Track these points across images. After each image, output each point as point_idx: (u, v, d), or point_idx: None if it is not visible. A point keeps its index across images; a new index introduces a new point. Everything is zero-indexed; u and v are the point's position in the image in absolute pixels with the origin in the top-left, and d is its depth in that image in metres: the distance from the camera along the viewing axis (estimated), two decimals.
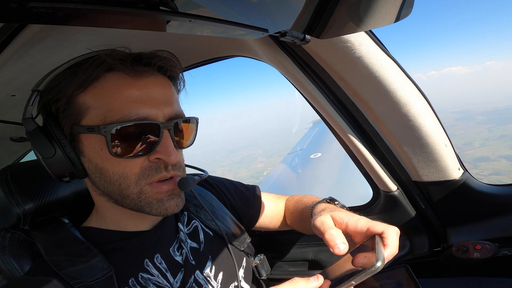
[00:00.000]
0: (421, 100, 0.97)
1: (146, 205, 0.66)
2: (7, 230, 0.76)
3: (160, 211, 0.67)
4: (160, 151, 0.64)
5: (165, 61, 0.69)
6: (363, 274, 0.49)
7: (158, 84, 0.67)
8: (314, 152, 4.47)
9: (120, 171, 0.64)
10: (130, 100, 0.62)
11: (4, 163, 1.08)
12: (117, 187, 0.65)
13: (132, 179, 0.64)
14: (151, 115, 0.63)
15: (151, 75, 0.67)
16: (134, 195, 0.65)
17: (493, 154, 61.67)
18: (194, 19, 0.45)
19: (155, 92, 0.66)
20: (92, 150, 0.64)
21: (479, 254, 1.04)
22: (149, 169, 0.65)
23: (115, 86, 0.63)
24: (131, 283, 0.67)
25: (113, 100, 0.62)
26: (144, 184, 0.65)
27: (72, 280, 0.62)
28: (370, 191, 1.31)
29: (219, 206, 0.93)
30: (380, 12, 0.57)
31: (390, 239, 0.56)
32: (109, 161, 0.64)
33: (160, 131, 0.63)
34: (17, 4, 0.31)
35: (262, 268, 0.93)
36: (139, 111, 0.62)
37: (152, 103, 0.64)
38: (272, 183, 3.90)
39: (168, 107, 0.66)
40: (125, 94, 0.63)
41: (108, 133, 0.60)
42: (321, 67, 0.97)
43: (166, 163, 0.66)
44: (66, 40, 0.83)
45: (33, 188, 0.76)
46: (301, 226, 1.00)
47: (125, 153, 0.63)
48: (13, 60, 0.84)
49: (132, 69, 0.64)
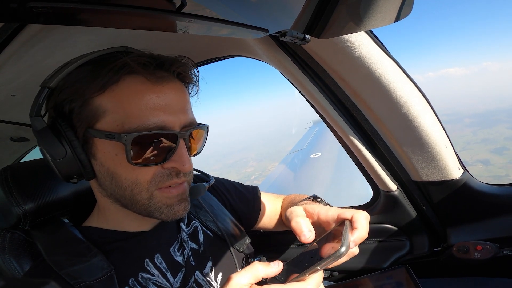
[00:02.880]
0: (421, 100, 0.97)
1: (156, 210, 0.66)
2: (7, 230, 0.76)
3: (170, 215, 0.67)
4: (175, 160, 0.64)
5: (184, 68, 0.68)
6: (328, 259, 0.48)
7: (176, 90, 0.66)
8: (314, 152, 4.47)
9: (133, 177, 0.63)
10: (150, 107, 0.61)
11: (4, 163, 1.08)
12: (129, 192, 0.65)
13: (144, 186, 0.64)
14: (168, 124, 0.63)
15: (170, 82, 0.65)
16: (145, 200, 0.65)
17: (471, 158, 62.26)
18: (194, 19, 0.45)
19: (172, 99, 0.64)
20: (105, 155, 0.63)
21: (479, 255, 1.04)
22: (161, 175, 0.65)
23: (134, 91, 0.61)
24: (131, 283, 0.67)
25: (133, 105, 0.61)
26: (154, 190, 0.65)
27: (73, 280, 0.62)
28: (370, 190, 1.31)
29: (218, 207, 0.93)
30: (380, 12, 0.57)
31: (359, 222, 0.56)
32: (123, 167, 0.63)
33: (177, 140, 0.63)
34: (17, 4, 0.31)
35: None
36: (158, 118, 0.61)
37: (170, 111, 0.63)
38: (272, 183, 3.90)
39: (184, 115, 0.66)
40: (144, 100, 0.61)
41: (129, 142, 0.59)
42: (321, 67, 0.97)
43: (179, 171, 0.66)
44: (66, 40, 0.83)
45: (33, 188, 0.76)
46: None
47: (142, 161, 0.62)
48: (13, 60, 0.84)
49: (153, 74, 0.63)
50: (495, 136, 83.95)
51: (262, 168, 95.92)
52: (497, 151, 71.38)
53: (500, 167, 62.71)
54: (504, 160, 65.99)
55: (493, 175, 57.22)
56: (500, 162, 65.14)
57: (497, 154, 69.77)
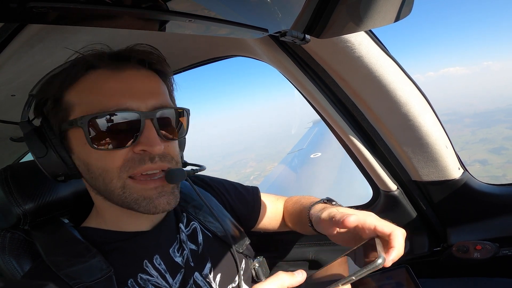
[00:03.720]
0: (421, 99, 0.97)
1: (133, 202, 0.64)
2: (7, 230, 0.76)
3: (149, 208, 0.64)
4: (142, 142, 0.62)
5: (145, 54, 0.68)
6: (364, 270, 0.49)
7: (140, 76, 0.67)
8: (314, 152, 4.47)
9: (102, 164, 0.63)
10: (110, 93, 0.63)
11: (4, 163, 1.08)
12: (101, 182, 0.65)
13: (114, 173, 0.63)
14: (131, 106, 0.62)
15: (132, 69, 0.66)
16: (118, 190, 0.64)
17: (469, 158, 62.23)
18: (194, 19, 0.45)
19: (137, 84, 0.65)
20: (78, 146, 0.65)
21: (479, 255, 1.04)
22: (132, 160, 0.63)
23: (95, 81, 0.64)
24: (130, 284, 0.67)
25: (94, 94, 0.63)
26: (126, 177, 0.63)
27: (71, 281, 0.62)
28: (370, 190, 1.31)
29: (218, 208, 0.93)
30: (380, 12, 0.57)
31: (397, 240, 0.57)
32: (92, 155, 0.63)
33: (141, 120, 0.62)
34: (17, 4, 0.31)
35: (261, 270, 0.93)
36: (119, 102, 0.61)
37: (134, 95, 0.63)
38: (272, 183, 3.90)
39: (152, 98, 0.65)
40: (105, 88, 0.63)
41: (84, 124, 0.60)
42: (321, 67, 0.97)
43: (152, 155, 0.64)
44: (66, 40, 0.83)
45: (33, 188, 0.76)
46: (300, 227, 1.00)
47: (105, 145, 0.62)
48: (13, 60, 0.84)
49: (112, 64, 0.65)
50: (494, 136, 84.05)
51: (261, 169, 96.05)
52: (495, 151, 71.46)
53: (497, 167, 62.76)
54: (502, 160, 66.07)
55: (490, 175, 57.25)
56: (497, 162, 65.19)
57: (495, 153, 69.83)
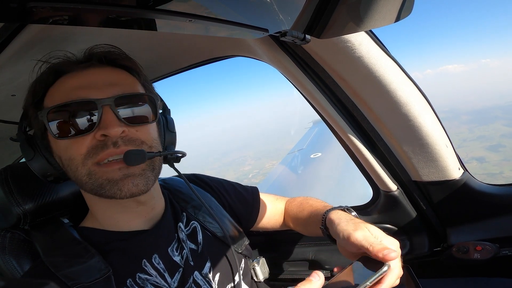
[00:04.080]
0: (421, 99, 0.97)
1: (98, 187, 0.64)
2: (7, 230, 0.76)
3: (114, 192, 0.64)
4: (101, 127, 0.64)
5: (104, 53, 0.72)
6: (373, 278, 0.55)
7: (103, 72, 0.70)
8: (314, 152, 4.47)
9: (68, 154, 0.66)
10: (71, 88, 0.67)
11: (4, 163, 1.08)
12: (70, 172, 0.67)
13: (79, 160, 0.64)
14: (89, 96, 0.65)
15: (95, 67, 0.70)
16: (85, 177, 0.65)
17: (467, 155, 62.17)
18: (194, 19, 0.45)
19: (97, 78, 0.68)
20: (52, 143, 0.69)
21: (479, 255, 1.04)
22: (95, 147, 0.64)
23: (63, 84, 0.69)
24: (129, 283, 0.67)
25: (60, 93, 0.68)
26: (91, 164, 0.64)
27: (70, 281, 0.62)
28: (370, 190, 1.31)
29: (217, 208, 0.93)
30: (380, 12, 0.57)
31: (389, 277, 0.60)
32: (59, 146, 0.67)
33: (98, 107, 0.63)
34: (17, 4, 0.31)
35: (260, 270, 0.93)
36: (79, 95, 0.65)
37: (93, 87, 0.67)
38: (272, 183, 3.89)
39: (112, 88, 0.67)
40: (68, 85, 0.68)
41: (44, 116, 0.64)
42: (321, 67, 0.97)
43: (114, 139, 0.64)
44: (66, 40, 0.83)
45: (33, 188, 0.76)
46: (304, 228, 1.00)
47: (65, 134, 0.65)
48: (13, 60, 0.84)
49: (78, 66, 0.69)
50: (492, 133, 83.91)
51: (259, 167, 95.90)
52: (493, 148, 71.32)
53: (494, 165, 62.60)
54: (499, 158, 65.90)
55: (487, 173, 57.14)
56: (494, 160, 65.02)
57: (493, 151, 69.70)
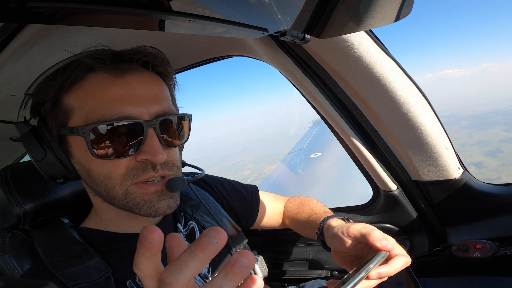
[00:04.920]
0: (421, 99, 0.97)
1: (134, 206, 0.64)
2: (8, 230, 0.76)
3: (150, 212, 0.65)
4: (145, 151, 0.62)
5: (150, 56, 0.67)
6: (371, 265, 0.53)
7: (143, 80, 0.65)
8: (314, 152, 4.47)
9: (105, 172, 0.62)
10: (112, 99, 0.61)
11: (4, 163, 1.08)
12: (103, 188, 0.64)
13: (117, 180, 0.62)
14: (134, 114, 0.61)
15: (135, 72, 0.65)
16: (121, 196, 0.64)
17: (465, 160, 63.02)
18: (194, 19, 0.45)
19: (139, 89, 0.63)
20: (79, 152, 0.64)
21: (479, 253, 1.04)
22: (135, 169, 0.63)
23: (96, 86, 0.62)
24: (128, 284, 0.67)
25: (95, 100, 0.61)
26: (130, 184, 0.63)
27: (69, 282, 0.62)
28: (370, 190, 1.31)
29: (216, 207, 0.93)
30: (380, 11, 0.57)
31: (395, 262, 0.60)
32: (94, 162, 0.62)
33: (144, 130, 0.61)
34: (17, 4, 0.31)
35: (258, 269, 0.93)
36: (121, 110, 0.60)
37: (136, 101, 0.62)
38: (272, 183, 3.89)
39: (154, 105, 0.64)
40: (106, 94, 0.61)
41: (86, 134, 0.59)
42: (321, 67, 0.97)
43: (154, 163, 0.63)
44: (66, 40, 0.83)
45: (33, 188, 0.76)
46: (301, 230, 1.00)
47: (107, 154, 0.61)
48: (13, 60, 0.84)
49: (113, 67, 0.63)
50: (490, 138, 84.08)
51: (259, 171, 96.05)
52: (491, 153, 71.48)
53: (492, 170, 62.74)
54: (497, 163, 66.08)
55: (485, 178, 57.36)
56: (492, 165, 65.18)
57: (491, 156, 69.84)
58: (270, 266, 1.02)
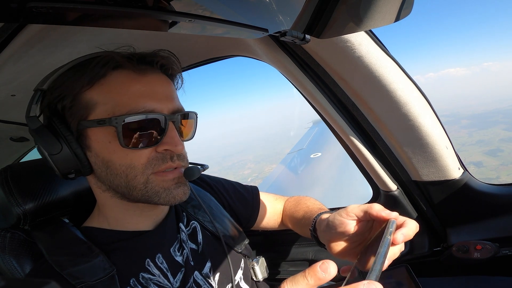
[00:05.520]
0: (421, 100, 0.97)
1: (154, 194, 0.68)
2: (7, 230, 0.76)
3: (169, 199, 0.69)
4: (167, 142, 0.67)
5: (167, 60, 0.73)
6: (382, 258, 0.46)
7: (160, 80, 0.71)
8: (314, 152, 4.47)
9: (127, 162, 0.66)
10: (137, 95, 0.66)
11: (4, 163, 1.08)
12: (124, 178, 0.67)
13: (139, 169, 0.66)
14: (157, 109, 0.67)
15: (154, 73, 0.71)
16: (141, 185, 0.67)
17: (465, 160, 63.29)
18: (194, 19, 0.45)
19: (158, 88, 0.69)
20: (99, 144, 0.66)
21: (479, 254, 1.04)
22: (156, 159, 0.67)
23: (121, 82, 0.66)
24: (132, 283, 0.67)
25: (121, 95, 0.65)
26: (150, 173, 0.67)
27: (75, 280, 0.62)
28: (370, 190, 1.31)
29: (217, 208, 0.93)
30: (380, 12, 0.57)
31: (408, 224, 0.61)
32: (117, 153, 0.66)
33: (166, 123, 0.67)
34: (17, 4, 0.31)
35: (259, 270, 0.93)
36: (145, 104, 0.65)
37: (157, 98, 0.68)
38: (272, 183, 3.90)
39: (171, 102, 0.70)
40: (131, 90, 0.66)
41: (119, 124, 0.63)
42: (321, 67, 0.97)
43: (172, 154, 0.69)
44: (66, 40, 0.83)
45: (33, 188, 0.76)
46: (298, 229, 1.00)
47: (134, 144, 0.65)
48: (13, 60, 0.84)
49: (137, 66, 0.68)
50: (491, 137, 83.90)
51: (259, 170, 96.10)
52: (491, 153, 71.30)
53: (491, 169, 62.55)
54: (497, 162, 65.86)
55: (484, 178, 57.38)
56: (492, 164, 64.97)
57: (491, 155, 69.69)
58: (270, 266, 1.02)
